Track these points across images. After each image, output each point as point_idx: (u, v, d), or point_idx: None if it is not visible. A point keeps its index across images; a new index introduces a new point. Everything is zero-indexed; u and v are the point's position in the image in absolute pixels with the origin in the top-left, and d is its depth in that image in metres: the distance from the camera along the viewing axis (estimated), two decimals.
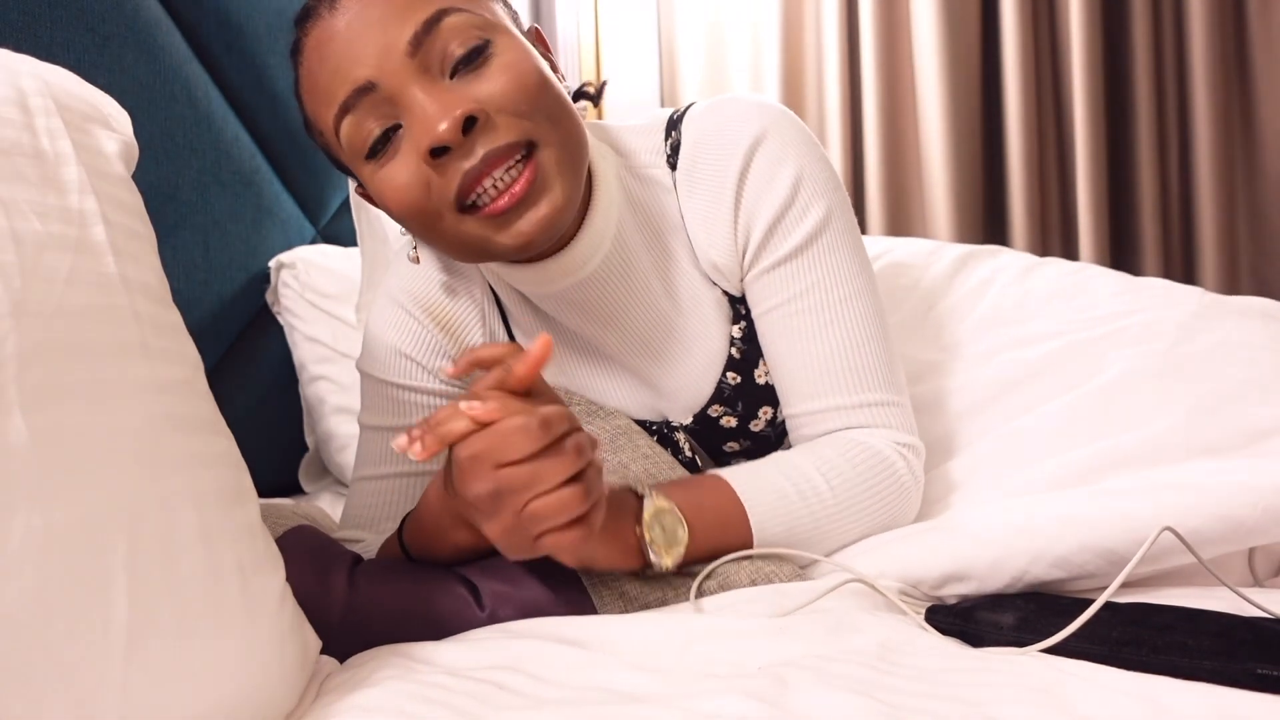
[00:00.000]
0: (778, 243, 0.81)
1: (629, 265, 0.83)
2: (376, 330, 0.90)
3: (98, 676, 0.40)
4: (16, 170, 0.48)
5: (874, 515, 0.77)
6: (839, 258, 0.81)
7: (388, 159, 0.71)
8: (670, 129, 0.86)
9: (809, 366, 0.81)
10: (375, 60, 0.69)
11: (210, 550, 0.47)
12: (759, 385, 0.87)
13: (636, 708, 0.49)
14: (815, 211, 0.81)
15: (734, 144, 0.81)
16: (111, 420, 0.45)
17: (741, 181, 0.81)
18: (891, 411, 0.81)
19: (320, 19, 0.71)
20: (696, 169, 0.83)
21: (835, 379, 0.80)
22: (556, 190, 0.71)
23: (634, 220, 0.84)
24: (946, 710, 0.48)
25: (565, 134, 0.72)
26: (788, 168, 0.80)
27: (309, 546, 0.72)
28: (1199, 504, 0.67)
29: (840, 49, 2.08)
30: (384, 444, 0.88)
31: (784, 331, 0.82)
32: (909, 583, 0.71)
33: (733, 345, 0.87)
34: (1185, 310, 0.95)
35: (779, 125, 0.82)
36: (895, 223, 2.09)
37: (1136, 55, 1.95)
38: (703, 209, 0.83)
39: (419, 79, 0.69)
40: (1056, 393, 0.90)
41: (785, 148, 0.81)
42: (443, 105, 0.68)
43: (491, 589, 0.69)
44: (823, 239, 0.81)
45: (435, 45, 0.69)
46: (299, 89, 0.75)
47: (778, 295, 0.82)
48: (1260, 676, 0.49)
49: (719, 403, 0.88)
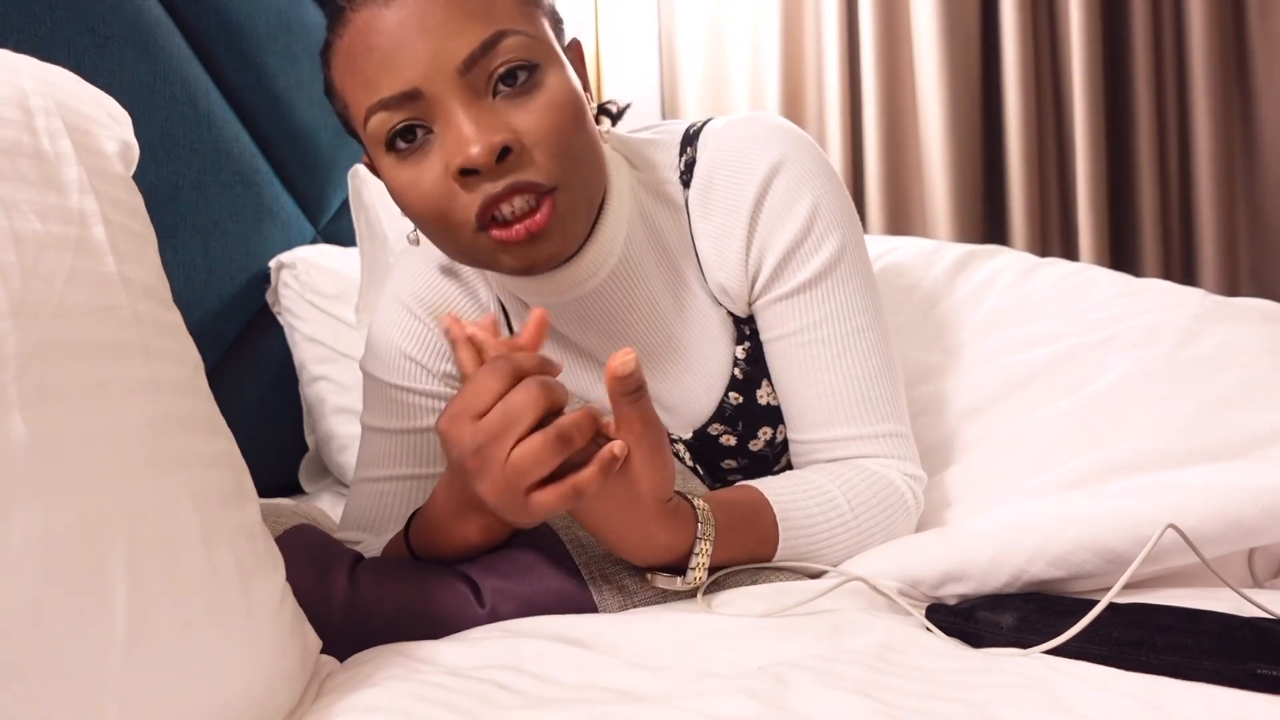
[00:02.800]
0: (791, 273, 0.81)
1: (635, 280, 0.83)
2: (381, 331, 0.90)
3: (98, 676, 0.40)
4: (17, 170, 0.48)
5: (880, 538, 0.78)
6: (852, 290, 0.82)
7: (414, 160, 0.71)
8: (685, 145, 0.85)
9: (823, 396, 0.81)
10: (426, 69, 0.68)
11: (210, 550, 0.47)
12: (761, 406, 0.87)
13: (637, 707, 0.49)
14: (830, 244, 0.81)
15: (751, 170, 0.81)
16: (111, 420, 0.45)
17: (757, 209, 0.81)
18: (900, 443, 0.82)
19: (375, 2, 0.69)
20: (711, 191, 0.83)
21: (849, 410, 0.81)
22: (568, 231, 0.73)
23: (644, 234, 0.84)
24: (946, 710, 0.48)
25: (588, 174, 0.73)
26: (805, 198, 0.80)
27: (309, 545, 0.72)
28: (1198, 503, 0.67)
29: (840, 49, 2.08)
30: (386, 446, 0.88)
31: (797, 360, 0.82)
32: (908, 582, 0.71)
33: (736, 365, 0.86)
34: (1186, 313, 0.95)
35: (798, 152, 0.82)
36: (895, 222, 2.09)
37: (1136, 55, 1.95)
38: (715, 232, 0.83)
39: (463, 95, 0.68)
40: (1058, 396, 0.89)
41: (803, 177, 0.81)
42: (481, 128, 0.68)
43: (491, 585, 0.69)
44: (837, 271, 0.81)
45: (487, 65, 0.69)
46: (332, 55, 0.73)
47: (790, 324, 0.82)
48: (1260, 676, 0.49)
49: (720, 421, 0.88)
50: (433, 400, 0.88)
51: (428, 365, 0.88)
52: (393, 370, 0.88)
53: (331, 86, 0.76)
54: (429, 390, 0.88)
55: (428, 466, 0.88)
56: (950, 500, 0.86)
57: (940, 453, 0.91)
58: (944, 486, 0.87)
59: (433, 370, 0.88)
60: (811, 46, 2.16)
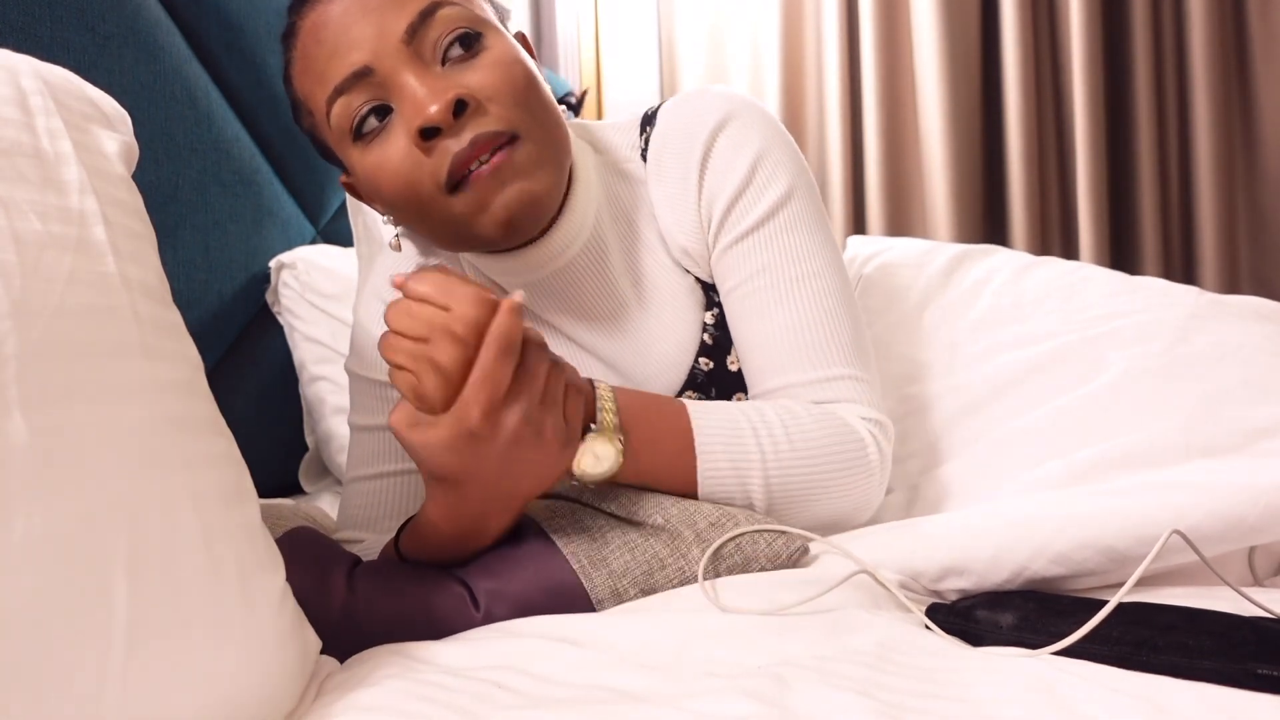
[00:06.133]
0: (736, 218, 0.83)
1: (604, 255, 0.85)
2: (362, 325, 0.91)
3: (98, 677, 0.40)
4: (17, 170, 0.48)
5: (838, 485, 0.76)
6: (798, 236, 0.83)
7: (378, 141, 0.74)
8: (645, 124, 0.89)
9: (768, 343, 0.81)
10: (371, 45, 0.72)
11: (210, 550, 0.47)
12: (731, 372, 0.88)
13: (636, 707, 0.49)
14: (775, 189, 0.83)
15: (698, 129, 0.84)
16: (111, 420, 0.45)
17: (704, 163, 0.84)
18: (856, 386, 0.80)
19: (318, 3, 0.74)
20: (664, 158, 0.86)
21: (795, 354, 0.80)
22: (537, 176, 0.74)
23: (610, 213, 0.86)
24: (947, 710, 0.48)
25: (548, 131, 0.76)
26: (749, 148, 0.83)
27: (308, 548, 0.72)
28: (1199, 502, 0.67)
29: (840, 49, 2.08)
30: (375, 443, 0.88)
31: (744, 310, 0.83)
32: (908, 574, 0.71)
33: (705, 331, 0.88)
34: (1182, 311, 0.95)
35: (744, 111, 0.85)
36: (895, 222, 2.09)
37: (1136, 55, 1.95)
38: (669, 194, 0.86)
39: (412, 65, 0.72)
40: (1053, 394, 0.90)
41: (748, 129, 0.84)
42: (434, 89, 0.71)
43: (484, 588, 0.69)
44: (780, 216, 0.83)
45: (429, 34, 0.73)
46: (290, 72, 0.78)
47: (738, 274, 0.84)
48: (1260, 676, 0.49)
49: (692, 388, 0.89)
50: None
51: None
52: (374, 366, 0.88)
53: (296, 103, 0.79)
54: None
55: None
56: (946, 496, 0.86)
57: (935, 450, 0.91)
58: (940, 482, 0.87)
59: None
60: (811, 46, 2.16)
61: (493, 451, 0.63)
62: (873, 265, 1.16)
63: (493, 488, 0.66)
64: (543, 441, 0.65)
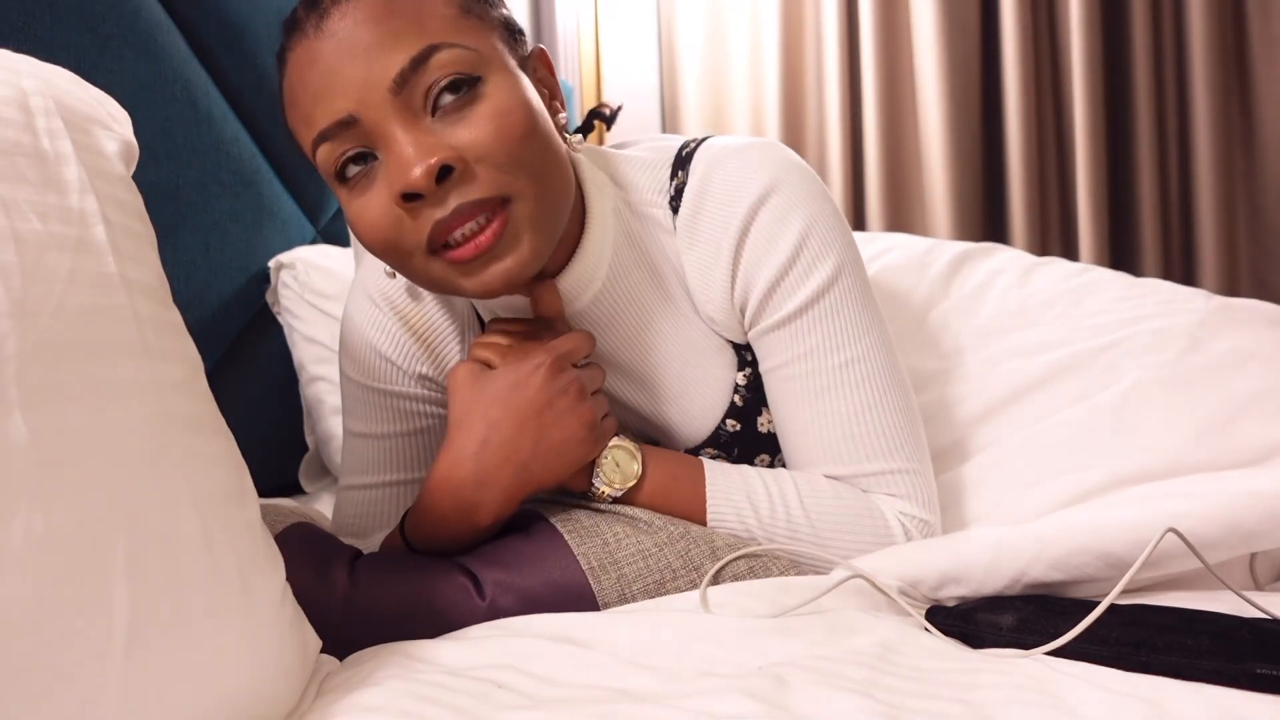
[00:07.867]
0: (779, 303, 0.78)
1: (625, 302, 0.82)
2: (354, 326, 0.87)
3: (98, 676, 0.40)
4: (17, 170, 0.48)
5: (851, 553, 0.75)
6: (844, 318, 0.77)
7: (362, 189, 0.69)
8: (677, 168, 0.82)
9: (808, 430, 0.78)
10: (357, 94, 0.66)
11: (210, 550, 0.47)
12: (760, 434, 0.85)
13: (636, 707, 0.49)
14: (821, 270, 0.77)
15: (738, 200, 0.78)
16: (111, 420, 0.45)
17: (741, 242, 0.78)
18: (902, 480, 0.77)
19: (306, 37, 0.69)
20: (699, 220, 0.80)
21: (836, 446, 0.77)
22: (525, 246, 0.69)
23: (632, 256, 0.82)
24: (946, 710, 0.48)
25: (544, 187, 0.70)
26: (793, 226, 0.77)
27: (309, 541, 0.73)
28: (1198, 508, 0.67)
29: (840, 49, 2.08)
30: (371, 452, 0.87)
31: (784, 394, 0.79)
32: (908, 582, 0.71)
33: (736, 392, 0.84)
34: (1192, 318, 0.93)
35: (789, 179, 0.78)
36: (895, 222, 2.09)
37: (1136, 55, 1.95)
38: (701, 263, 0.80)
39: (400, 116, 0.66)
40: (1063, 405, 0.88)
41: (792, 205, 0.77)
42: (420, 149, 0.65)
43: (492, 578, 0.69)
44: (826, 299, 0.77)
45: (421, 81, 0.66)
46: (282, 96, 0.74)
47: (779, 356, 0.79)
48: (1260, 676, 0.49)
49: (714, 446, 0.86)
50: (411, 403, 0.86)
51: (402, 366, 0.86)
52: (369, 371, 0.86)
53: (290, 129, 0.75)
54: (406, 392, 0.86)
55: (412, 471, 0.87)
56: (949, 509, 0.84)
57: (946, 460, 0.89)
58: (947, 493, 0.86)
59: (407, 371, 0.86)
60: (811, 46, 2.16)
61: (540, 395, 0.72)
62: (873, 268, 1.15)
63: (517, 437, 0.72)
64: (579, 411, 0.73)
